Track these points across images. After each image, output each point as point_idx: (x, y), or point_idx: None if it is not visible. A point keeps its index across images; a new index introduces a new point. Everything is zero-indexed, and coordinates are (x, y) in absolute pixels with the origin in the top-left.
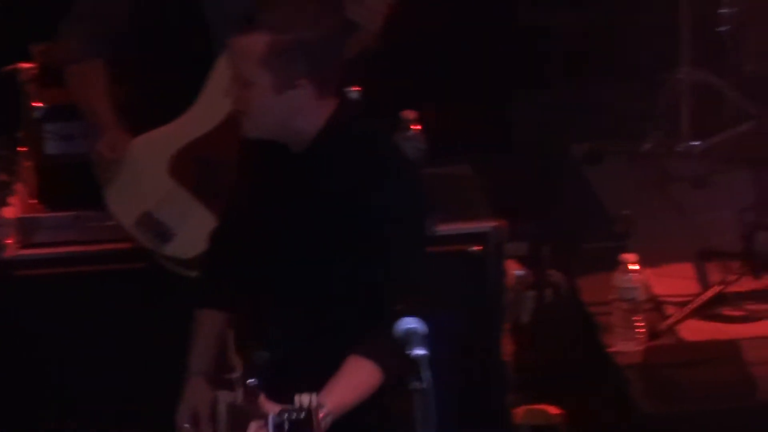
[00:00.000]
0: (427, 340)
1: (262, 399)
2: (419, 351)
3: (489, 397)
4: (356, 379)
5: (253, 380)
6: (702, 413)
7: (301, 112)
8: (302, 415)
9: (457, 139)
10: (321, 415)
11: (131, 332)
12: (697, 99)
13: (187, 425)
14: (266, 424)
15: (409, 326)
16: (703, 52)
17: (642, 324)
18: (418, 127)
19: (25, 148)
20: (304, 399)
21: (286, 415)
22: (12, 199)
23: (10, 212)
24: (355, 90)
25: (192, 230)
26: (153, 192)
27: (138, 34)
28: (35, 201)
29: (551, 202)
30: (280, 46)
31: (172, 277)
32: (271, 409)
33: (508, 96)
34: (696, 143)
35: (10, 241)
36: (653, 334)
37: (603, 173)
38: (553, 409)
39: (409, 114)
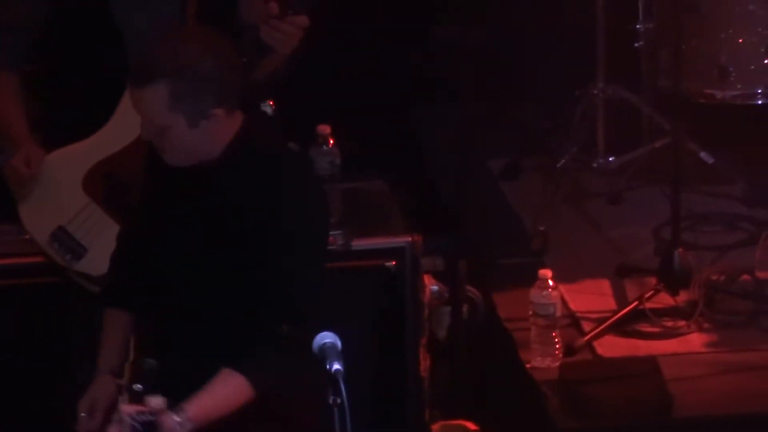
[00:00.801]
0: (342, 355)
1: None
2: (335, 365)
3: (406, 413)
4: (222, 391)
5: (138, 386)
6: (619, 429)
7: (217, 135)
8: (152, 416)
9: (371, 153)
10: (178, 419)
11: (42, 345)
12: (613, 115)
13: (83, 414)
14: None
15: (325, 341)
16: (618, 68)
17: (558, 340)
18: (333, 141)
19: None
20: (152, 402)
21: (138, 417)
22: None
23: None
24: (269, 105)
25: (103, 247)
26: (66, 208)
27: (49, 47)
28: None
29: (468, 217)
30: (181, 89)
31: (83, 292)
32: (128, 410)
33: (423, 111)
34: (611, 159)
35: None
36: (570, 350)
37: (519, 188)
38: (470, 425)
39: (324, 129)
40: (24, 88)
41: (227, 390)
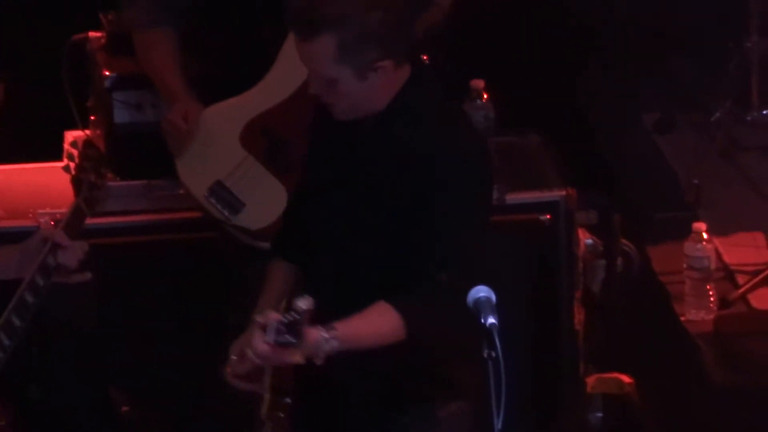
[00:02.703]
0: (496, 309)
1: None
2: (490, 319)
3: (561, 367)
4: (374, 321)
5: (307, 297)
6: None
7: (384, 88)
8: (297, 317)
9: (526, 108)
10: (325, 334)
11: (199, 300)
12: (767, 68)
13: (234, 357)
14: (266, 331)
15: (479, 295)
16: None
17: (713, 293)
18: (487, 96)
19: (94, 117)
20: (300, 302)
21: (283, 319)
22: None
23: None
24: (422, 59)
25: (262, 201)
26: (224, 162)
27: (208, 3)
28: None
29: (622, 170)
30: (349, 41)
31: (241, 247)
32: (274, 315)
33: (578, 65)
34: (765, 112)
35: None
36: (725, 302)
37: (673, 142)
38: (624, 378)
39: (478, 83)
40: (182, 45)
41: (380, 322)
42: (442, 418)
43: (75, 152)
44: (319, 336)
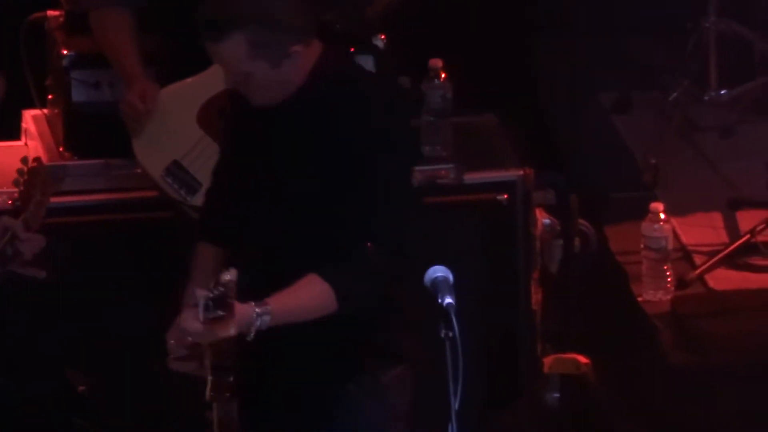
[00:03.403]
0: (454, 289)
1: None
2: (447, 299)
3: (518, 346)
4: (304, 292)
5: (232, 270)
6: (731, 363)
7: (299, 69)
8: (222, 290)
9: (483, 87)
10: (257, 309)
11: (155, 279)
12: (725, 48)
13: (172, 341)
14: (197, 307)
15: (437, 275)
16: (730, 1)
17: (670, 273)
18: (444, 75)
19: (52, 96)
20: (223, 276)
21: (210, 294)
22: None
23: None
24: (380, 39)
25: None
26: (181, 142)
27: None
28: (62, 149)
29: (579, 150)
30: (258, 36)
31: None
32: (201, 292)
33: (533, 45)
34: (723, 92)
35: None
36: (682, 283)
37: (631, 122)
38: (581, 358)
39: (436, 62)
40: (139, 23)
41: (310, 294)
42: (386, 385)
43: (21, 179)
44: (251, 311)
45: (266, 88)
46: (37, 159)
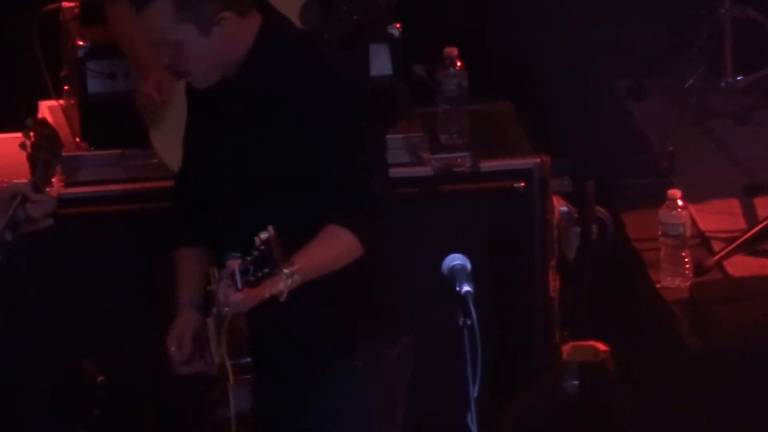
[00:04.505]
0: (471, 277)
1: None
2: (465, 287)
3: (536, 334)
4: (329, 244)
5: (236, 253)
6: (749, 349)
7: (233, 39)
8: (262, 248)
9: (500, 75)
10: (286, 270)
11: (171, 270)
12: (740, 34)
13: (173, 348)
14: (233, 278)
15: (454, 263)
16: None
17: (688, 260)
18: (460, 63)
19: (68, 87)
20: (260, 235)
21: (248, 258)
22: None
23: None
24: (396, 27)
25: None
26: None
27: None
28: (79, 139)
29: (595, 137)
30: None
31: None
32: (233, 263)
33: (547, 33)
34: (739, 78)
35: (54, 180)
36: (700, 269)
37: (646, 109)
38: (600, 345)
39: (451, 51)
40: None
41: (335, 244)
42: (391, 358)
43: (31, 132)
44: (291, 280)
45: (201, 62)
46: (42, 120)
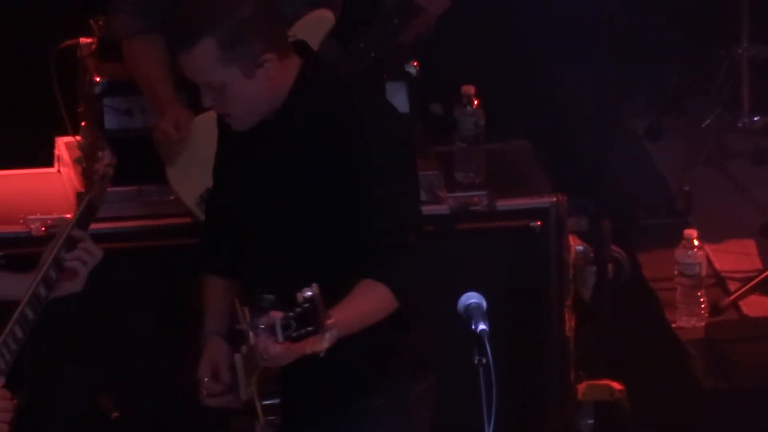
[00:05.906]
0: (487, 315)
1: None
2: (481, 326)
3: (551, 373)
4: (364, 298)
5: (270, 296)
6: (763, 389)
7: (275, 82)
8: (306, 306)
9: (516, 114)
10: (329, 330)
11: (188, 307)
12: (757, 74)
13: (206, 379)
14: (273, 330)
15: (470, 301)
16: (762, 27)
17: (704, 300)
18: (477, 102)
19: (85, 123)
20: (304, 292)
21: (291, 313)
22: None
23: None
24: (413, 65)
25: None
26: None
27: None
28: None
29: (612, 177)
30: (227, 39)
31: None
32: (276, 313)
33: (564, 72)
34: (756, 119)
35: (70, 216)
36: (716, 309)
37: (662, 149)
38: (615, 385)
39: (468, 89)
40: (170, 51)
41: (370, 298)
42: (413, 400)
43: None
44: (329, 334)
45: (244, 104)
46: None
